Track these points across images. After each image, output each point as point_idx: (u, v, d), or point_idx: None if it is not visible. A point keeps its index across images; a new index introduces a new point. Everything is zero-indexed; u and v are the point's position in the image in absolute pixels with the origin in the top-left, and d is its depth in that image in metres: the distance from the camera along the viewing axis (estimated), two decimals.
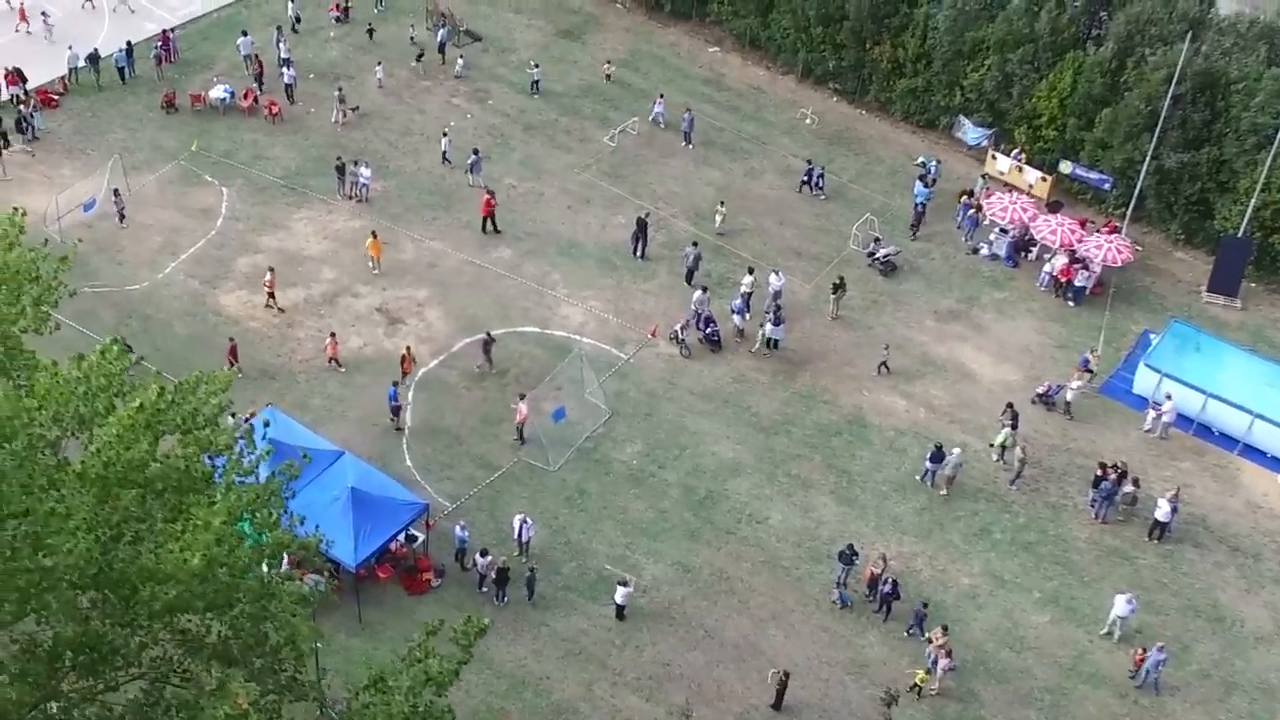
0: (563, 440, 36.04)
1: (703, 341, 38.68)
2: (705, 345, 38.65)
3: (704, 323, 38.32)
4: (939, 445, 35.99)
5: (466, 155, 44.21)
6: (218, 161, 44.35)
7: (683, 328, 38.47)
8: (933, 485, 35.90)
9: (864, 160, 46.53)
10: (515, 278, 40.84)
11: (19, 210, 22.98)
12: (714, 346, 38.44)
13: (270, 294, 38.94)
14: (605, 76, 49.50)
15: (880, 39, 47.23)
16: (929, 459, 35.95)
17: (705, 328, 38.39)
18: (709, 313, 38.48)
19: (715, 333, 38.26)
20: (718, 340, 38.39)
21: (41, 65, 47.27)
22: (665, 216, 43.17)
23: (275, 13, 51.69)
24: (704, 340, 38.61)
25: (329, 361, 37.27)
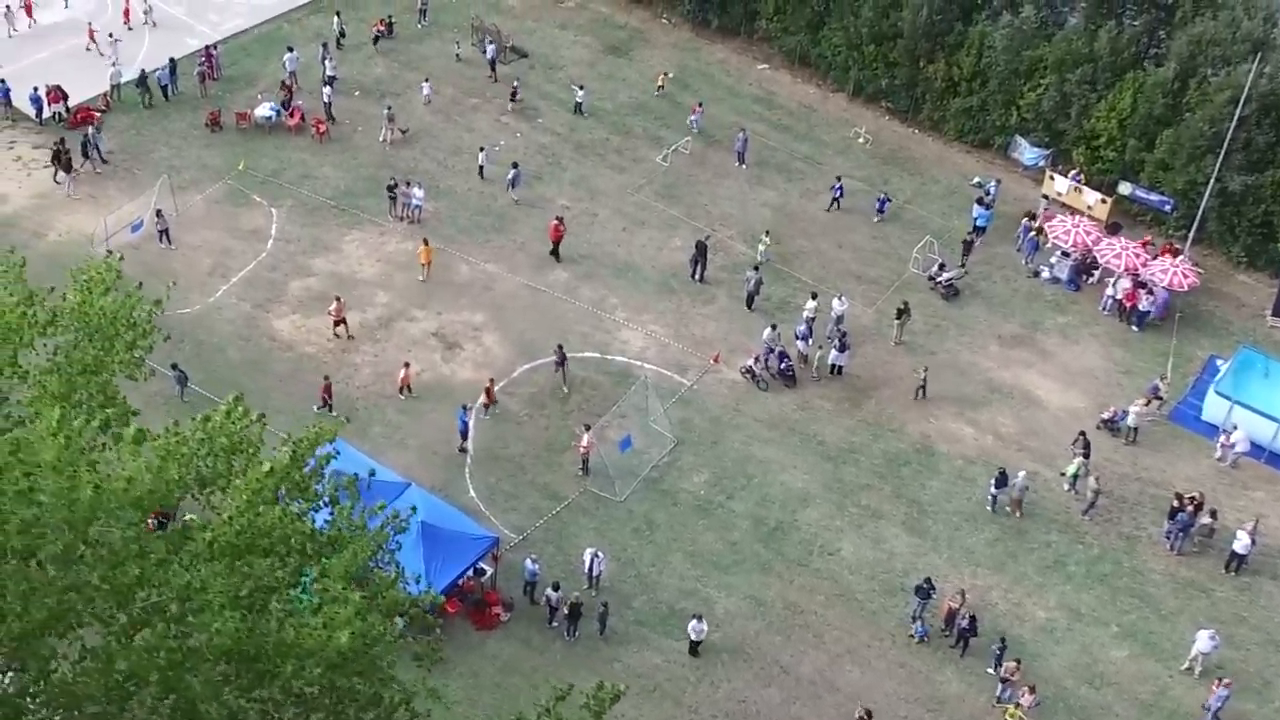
0: (629, 470, 35.64)
1: (776, 377, 38.16)
2: (780, 380, 38.23)
3: (778, 358, 37.94)
4: (1003, 470, 35.71)
5: (506, 170, 43.87)
6: (265, 181, 44.04)
7: (755, 363, 37.98)
8: (995, 510, 35.74)
9: (919, 181, 46.26)
10: (572, 301, 40.52)
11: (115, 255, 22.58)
12: (789, 382, 37.95)
13: (338, 322, 38.43)
14: (658, 87, 49.43)
15: (934, 57, 46.94)
16: (993, 484, 35.64)
17: (780, 363, 37.92)
18: (781, 348, 38.11)
19: (789, 368, 37.79)
20: (792, 375, 37.90)
21: (83, 82, 46.75)
22: (722, 238, 42.75)
23: (318, 27, 51.43)
24: (778, 375, 38.11)
25: (401, 391, 36.77)
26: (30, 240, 41.47)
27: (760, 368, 38.12)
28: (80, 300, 21.38)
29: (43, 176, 43.65)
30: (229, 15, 51.45)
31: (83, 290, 21.75)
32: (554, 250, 41.45)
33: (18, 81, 46.12)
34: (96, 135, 44.13)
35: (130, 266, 40.43)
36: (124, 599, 16.75)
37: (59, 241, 41.32)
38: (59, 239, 41.44)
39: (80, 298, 21.52)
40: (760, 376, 38.01)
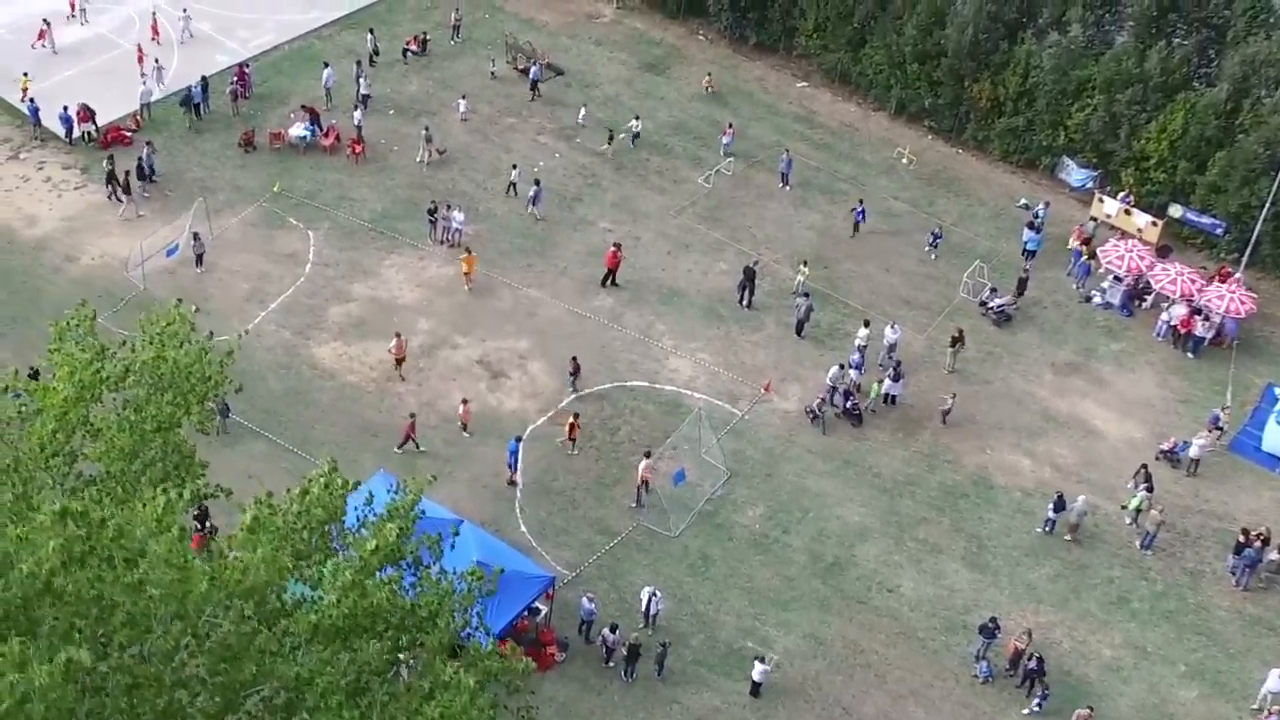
0: (682, 504, 35.01)
1: (842, 415, 37.43)
2: (845, 420, 37.43)
3: (843, 397, 37.27)
4: (1060, 494, 35.27)
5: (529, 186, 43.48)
6: (301, 203, 43.35)
7: (820, 403, 37.12)
8: (1050, 533, 35.17)
9: (965, 202, 45.69)
10: (618, 328, 39.89)
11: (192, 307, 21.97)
12: (855, 422, 37.24)
13: (398, 360, 37.59)
14: (706, 88, 48.97)
15: (979, 76, 46.47)
16: (1051, 508, 35.15)
17: (845, 401, 37.20)
18: (847, 386, 37.52)
19: (856, 406, 37.10)
20: (859, 415, 37.19)
21: (112, 101, 46.06)
22: (768, 262, 42.14)
23: (349, 44, 50.84)
24: (844, 414, 37.37)
25: (462, 428, 36.04)
26: (62, 264, 40.95)
27: (825, 407, 37.20)
28: (154, 355, 20.83)
29: (73, 198, 43.03)
30: (259, 32, 50.76)
31: (156, 343, 21.21)
32: (610, 277, 40.84)
33: (44, 100, 45.21)
34: (151, 155, 43.48)
35: (164, 291, 40.34)
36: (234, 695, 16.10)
37: (92, 265, 40.72)
38: (92, 263, 40.82)
39: (154, 352, 20.98)
40: (823, 416, 37.14)
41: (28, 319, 39.17)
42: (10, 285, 40.02)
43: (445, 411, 37.07)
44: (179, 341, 20.75)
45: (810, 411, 37.25)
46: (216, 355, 22.18)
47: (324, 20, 51.50)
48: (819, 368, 39.17)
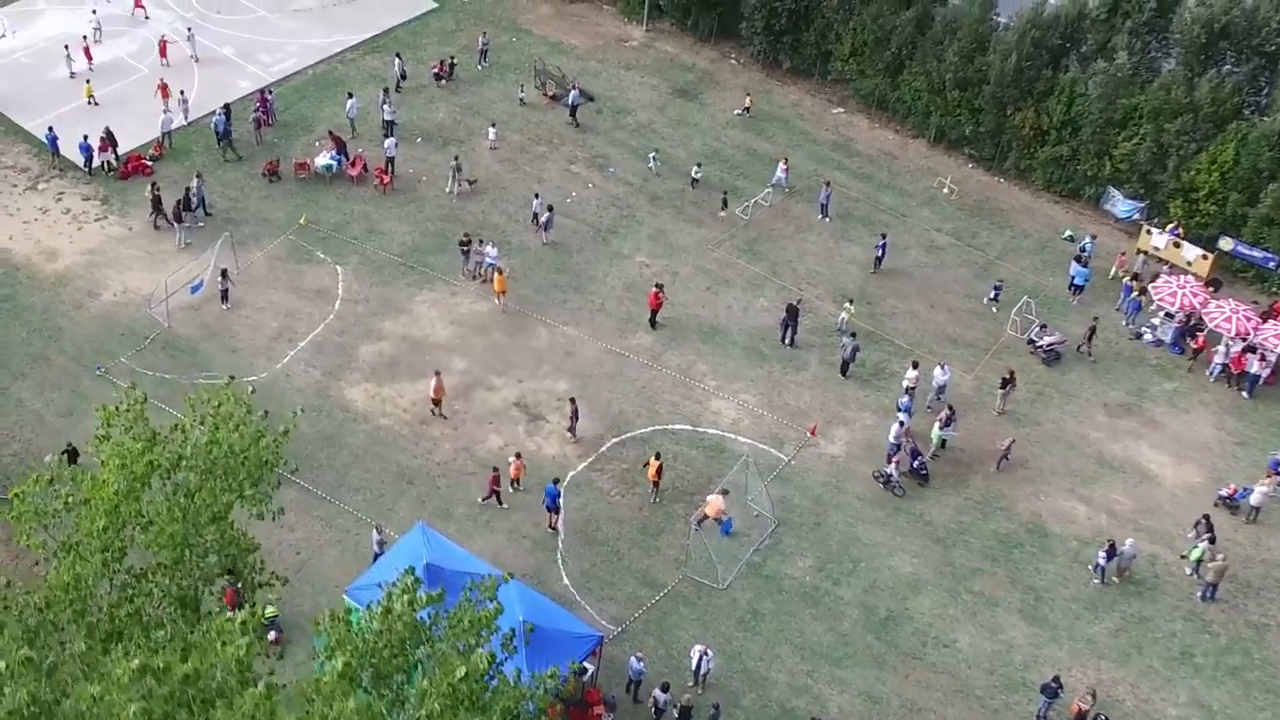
0: (730, 555, 34.08)
1: (909, 474, 36.20)
2: (913, 479, 36.18)
3: (910, 454, 36.22)
4: (1112, 541, 34.34)
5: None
6: (328, 236, 42.42)
7: (893, 468, 35.79)
8: (1102, 580, 34.25)
9: (1009, 234, 44.71)
10: (659, 368, 38.89)
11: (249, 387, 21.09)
12: (922, 481, 36.10)
13: (436, 401, 36.67)
14: (744, 110, 48.17)
15: (1022, 104, 45.59)
16: (1102, 555, 34.19)
17: (913, 459, 36.10)
18: (914, 444, 36.41)
19: (923, 465, 35.95)
20: (926, 474, 36.04)
21: (132, 129, 45.11)
22: (810, 298, 41.27)
23: (373, 68, 49.95)
24: (911, 473, 36.17)
25: (512, 484, 34.79)
26: (84, 300, 39.96)
27: (897, 469, 35.93)
28: (208, 441, 19.94)
29: (93, 230, 42.11)
30: (280, 56, 49.81)
31: (209, 426, 20.32)
32: (651, 319, 39.84)
33: (60, 126, 44.30)
34: (201, 187, 42.47)
35: (189, 329, 39.45)
36: None
37: (114, 302, 39.78)
38: (114, 299, 39.88)
39: (208, 437, 20.09)
40: (897, 482, 35.90)
41: (48, 358, 38.22)
42: (30, 323, 39.07)
43: (483, 457, 36.00)
44: (234, 424, 19.84)
45: (880, 476, 36.04)
46: (273, 440, 21.27)
47: (347, 44, 50.55)
48: (865, 409, 38.36)
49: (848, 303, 40.65)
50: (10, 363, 37.92)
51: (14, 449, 35.74)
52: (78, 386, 37.27)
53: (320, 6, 52.41)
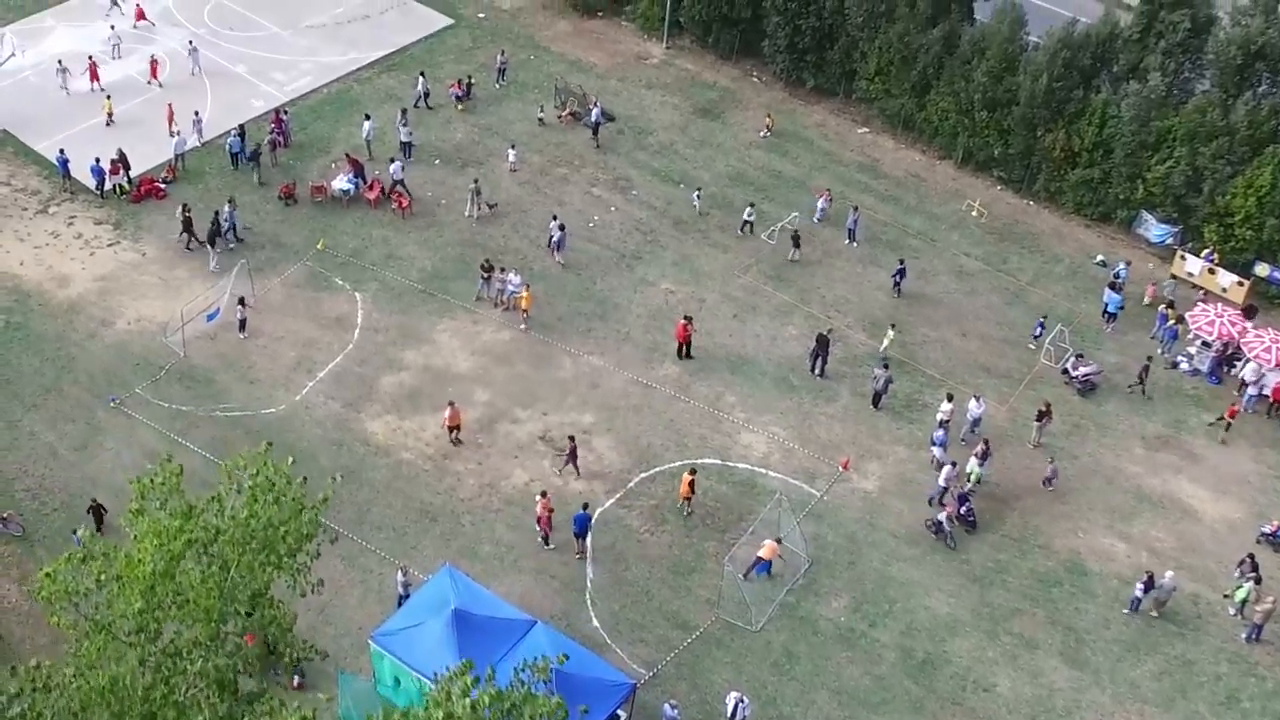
0: (763, 595, 33.38)
1: (958, 521, 35.26)
2: (961, 526, 35.31)
3: (958, 500, 35.31)
4: (1150, 574, 33.55)
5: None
6: (346, 262, 41.72)
7: (946, 518, 34.74)
8: (1136, 611, 33.51)
9: (1040, 259, 43.97)
10: (686, 399, 38.15)
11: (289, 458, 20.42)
12: (970, 528, 35.25)
13: (451, 428, 35.98)
14: (766, 129, 47.49)
15: (1053, 126, 44.93)
16: (1141, 587, 33.49)
17: (960, 505, 35.19)
18: (963, 490, 35.59)
19: (971, 510, 35.09)
20: (974, 521, 35.15)
21: (145, 151, 44.42)
22: (839, 327, 40.58)
23: (389, 87, 49.25)
24: (959, 519, 35.27)
25: (539, 526, 33.69)
26: (97, 329, 39.25)
27: (947, 513, 34.94)
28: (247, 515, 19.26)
29: (106, 256, 41.42)
30: (295, 74, 49.10)
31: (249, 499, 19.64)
32: (682, 351, 38.98)
33: (70, 147, 43.56)
34: (233, 212, 41.77)
35: (206, 359, 38.66)
36: None
37: (128, 331, 39.07)
38: (128, 328, 39.17)
39: (247, 510, 19.40)
40: (949, 532, 34.90)
41: (61, 389, 37.49)
42: (43, 352, 38.40)
43: (508, 493, 35.33)
44: (274, 496, 19.17)
45: (932, 525, 35.12)
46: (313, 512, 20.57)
47: (362, 62, 49.85)
48: (898, 442, 37.64)
49: (890, 328, 40.06)
50: (22, 394, 37.22)
51: (27, 484, 35.01)
52: (92, 419, 36.57)
53: (334, 24, 51.73)
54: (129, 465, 35.69)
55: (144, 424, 36.31)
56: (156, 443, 36.00)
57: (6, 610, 32.33)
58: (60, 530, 33.92)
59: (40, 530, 33.85)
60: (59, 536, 33.87)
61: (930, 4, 46.12)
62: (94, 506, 32.92)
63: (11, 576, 33.06)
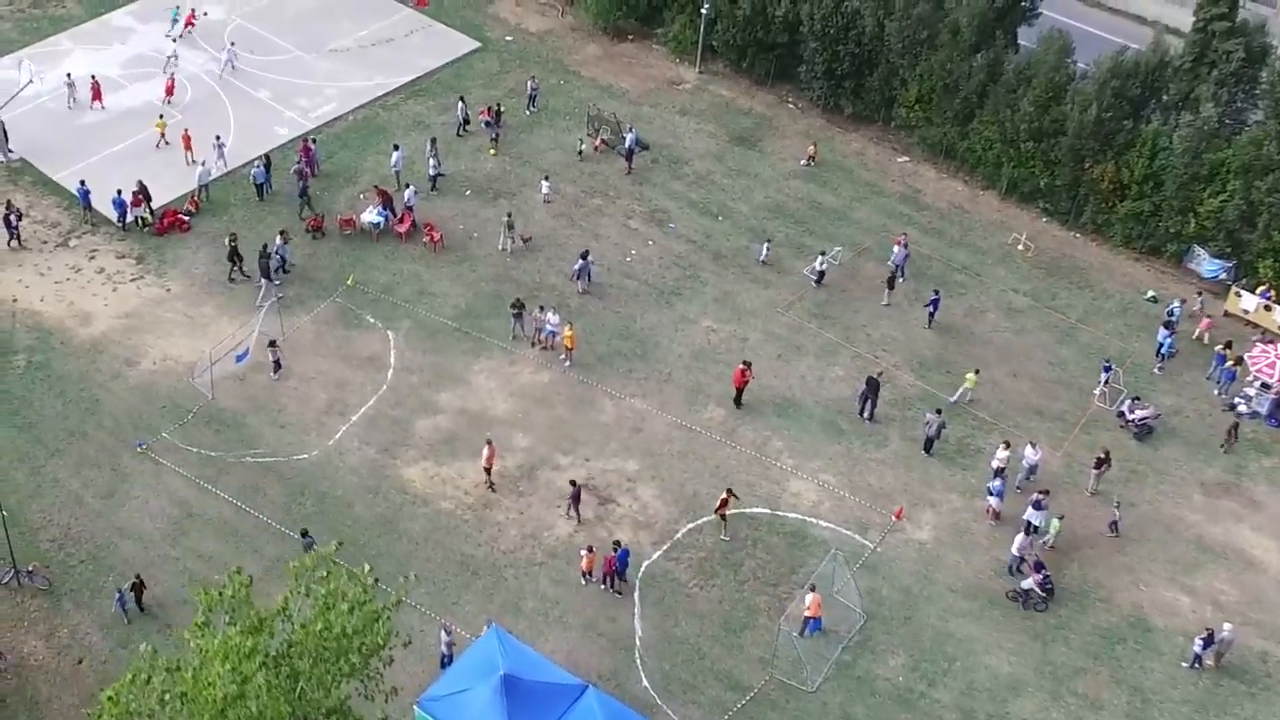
0: (818, 653, 32.46)
1: (1037, 591, 34.02)
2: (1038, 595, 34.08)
3: (1035, 567, 34.07)
4: (1210, 630, 32.65)
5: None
6: (377, 298, 40.74)
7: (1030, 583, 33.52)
8: (1197, 668, 32.59)
9: (1090, 295, 43.05)
10: (732, 445, 37.22)
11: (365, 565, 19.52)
12: (1048, 594, 33.76)
13: (488, 469, 35.19)
14: (809, 158, 46.62)
15: (1101, 157, 44.09)
16: (1200, 643, 32.54)
17: (1037, 571, 33.91)
18: (1038, 556, 34.31)
19: (1049, 578, 33.77)
20: (1052, 589, 33.80)
21: (166, 181, 43.55)
22: (887, 367, 39.65)
23: (416, 113, 48.27)
24: (1039, 588, 33.95)
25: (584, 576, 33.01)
26: (121, 369, 38.27)
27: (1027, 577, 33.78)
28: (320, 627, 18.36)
29: (129, 291, 40.48)
30: (319, 100, 48.12)
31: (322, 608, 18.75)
32: (737, 398, 37.96)
33: (89, 177, 42.51)
34: (283, 245, 40.82)
35: (235, 401, 37.60)
36: None
37: (154, 371, 38.11)
38: (154, 368, 38.22)
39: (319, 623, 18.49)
40: (1039, 598, 33.67)
41: (85, 433, 36.54)
42: (66, 394, 37.41)
43: (550, 545, 34.35)
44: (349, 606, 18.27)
45: (1016, 595, 33.89)
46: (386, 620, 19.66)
47: (388, 87, 48.88)
48: (951, 490, 36.71)
49: (974, 372, 38.75)
50: (45, 438, 36.25)
51: (52, 534, 34.04)
52: (118, 465, 35.61)
53: (358, 47, 50.83)
54: (157, 514, 34.92)
55: (172, 470, 35.41)
56: (185, 490, 35.16)
57: (34, 668, 31.37)
58: (89, 582, 33.02)
59: (67, 583, 32.90)
60: (87, 589, 32.99)
61: (974, 31, 45.33)
62: (136, 584, 31.85)
63: (39, 632, 32.14)
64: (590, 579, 33.44)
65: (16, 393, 37.39)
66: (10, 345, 38.71)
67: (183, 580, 33.04)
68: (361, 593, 19.15)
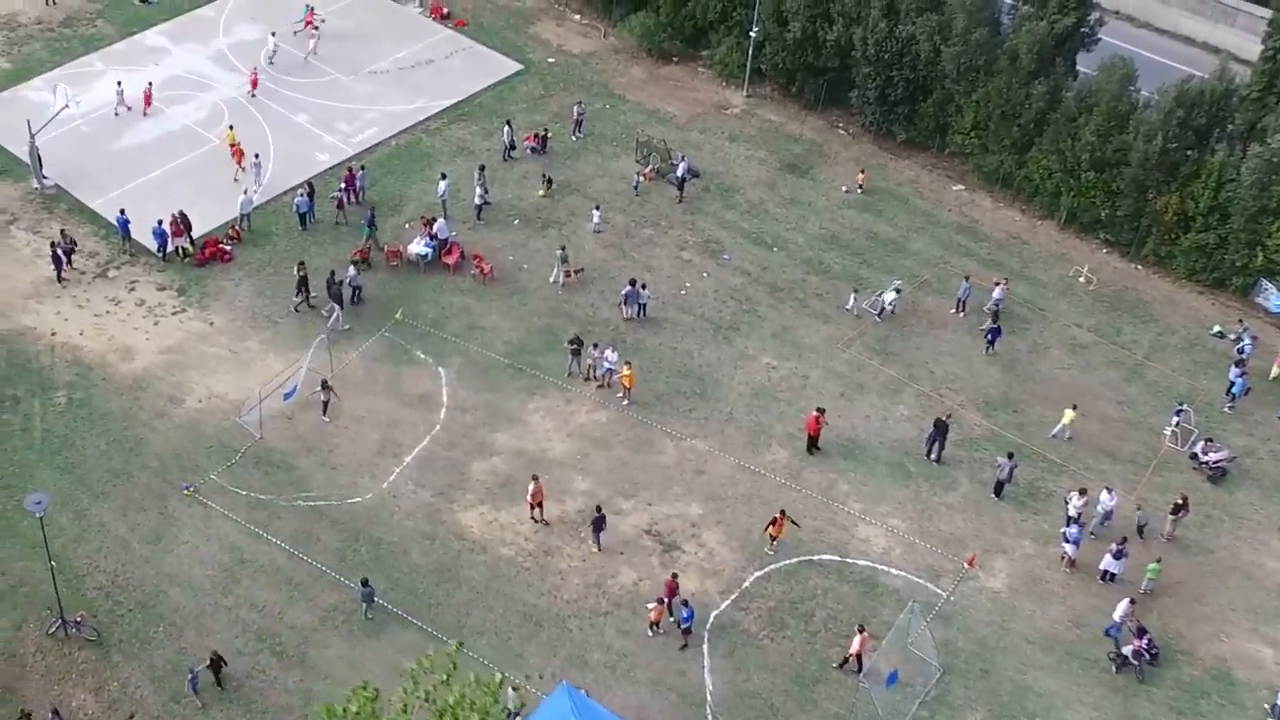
0: (894, 708, 31.58)
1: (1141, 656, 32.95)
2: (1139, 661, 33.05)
3: (1136, 632, 33.02)
4: None
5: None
6: (427, 333, 39.89)
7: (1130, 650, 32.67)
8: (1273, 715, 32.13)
9: (1155, 330, 42.26)
10: (797, 488, 36.43)
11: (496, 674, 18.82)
12: (1152, 660, 32.79)
13: (535, 506, 34.54)
14: (858, 186, 45.86)
15: (1166, 188, 43.41)
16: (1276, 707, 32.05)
17: (1139, 637, 32.88)
18: (1139, 623, 33.20)
19: (1153, 642, 32.76)
20: (1156, 653, 32.81)
21: (208, 207, 42.68)
22: (951, 406, 38.87)
23: (460, 139, 47.44)
24: (1145, 652, 32.91)
25: (651, 628, 32.23)
26: (166, 407, 37.42)
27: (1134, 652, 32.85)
28: None
29: (171, 325, 39.64)
30: (360, 125, 47.24)
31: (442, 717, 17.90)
32: (810, 444, 37.10)
33: (127, 203, 41.65)
34: (357, 277, 40.05)
35: (284, 441, 36.72)
36: None
37: (199, 409, 37.26)
38: (199, 406, 37.37)
39: None
40: (1138, 665, 32.74)
41: (130, 474, 35.67)
42: (109, 433, 36.59)
43: (615, 594, 33.52)
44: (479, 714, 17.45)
45: (1116, 658, 33.00)
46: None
47: (430, 111, 47.97)
48: (1024, 536, 35.85)
49: (1071, 408, 38.04)
50: (89, 479, 35.41)
51: (99, 581, 33.18)
52: (165, 508, 34.75)
53: (396, 69, 49.94)
54: (207, 560, 34.05)
55: (221, 514, 34.55)
56: (235, 535, 34.31)
57: None
58: (138, 633, 32.17)
59: (116, 633, 32.03)
60: (136, 640, 32.09)
61: (1034, 58, 44.71)
62: (214, 660, 30.68)
63: (87, 685, 31.22)
64: (659, 630, 32.68)
65: (58, 431, 36.57)
66: (50, 381, 37.90)
67: (236, 631, 32.41)
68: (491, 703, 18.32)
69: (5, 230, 42.72)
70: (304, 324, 39.64)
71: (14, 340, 39.12)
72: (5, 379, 38.01)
